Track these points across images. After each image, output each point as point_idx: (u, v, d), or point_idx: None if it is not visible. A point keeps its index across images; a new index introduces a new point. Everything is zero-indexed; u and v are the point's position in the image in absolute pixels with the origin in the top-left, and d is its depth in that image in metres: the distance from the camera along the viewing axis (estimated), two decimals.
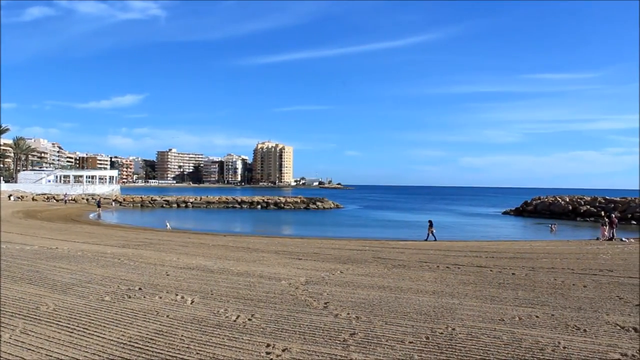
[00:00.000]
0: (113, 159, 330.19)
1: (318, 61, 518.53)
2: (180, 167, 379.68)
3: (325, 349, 7.71)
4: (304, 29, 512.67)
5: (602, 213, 53.12)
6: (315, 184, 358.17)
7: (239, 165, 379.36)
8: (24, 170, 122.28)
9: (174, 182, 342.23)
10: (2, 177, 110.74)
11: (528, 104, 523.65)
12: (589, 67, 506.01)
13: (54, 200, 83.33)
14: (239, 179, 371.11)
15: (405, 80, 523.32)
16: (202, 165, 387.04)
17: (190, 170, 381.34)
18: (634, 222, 58.24)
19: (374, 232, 43.92)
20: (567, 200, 74.15)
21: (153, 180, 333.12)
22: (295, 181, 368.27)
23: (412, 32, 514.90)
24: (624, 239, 34.49)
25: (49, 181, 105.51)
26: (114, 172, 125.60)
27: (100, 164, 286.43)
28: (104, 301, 10.81)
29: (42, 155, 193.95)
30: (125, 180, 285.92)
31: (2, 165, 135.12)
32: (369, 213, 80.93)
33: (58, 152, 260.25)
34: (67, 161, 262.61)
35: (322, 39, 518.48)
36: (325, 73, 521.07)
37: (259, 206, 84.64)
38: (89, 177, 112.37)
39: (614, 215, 40.37)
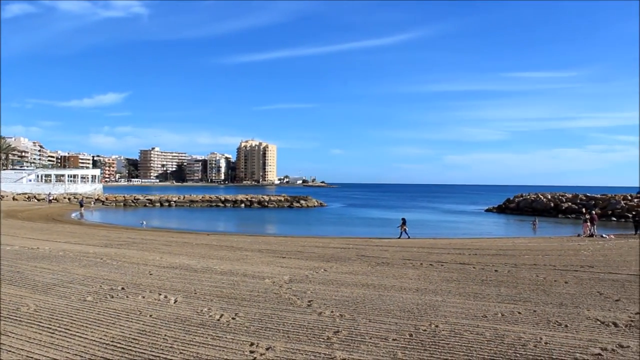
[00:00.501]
0: (95, 158, 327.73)
1: (301, 59, 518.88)
2: (163, 166, 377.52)
3: (309, 347, 7.71)
4: (287, 27, 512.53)
5: (583, 210, 53.67)
6: (299, 182, 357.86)
7: (223, 164, 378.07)
8: (4, 169, 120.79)
9: (157, 181, 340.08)
10: None
11: (511, 102, 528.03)
12: (571, 65, 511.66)
13: (35, 200, 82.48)
14: (223, 177, 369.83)
15: (389, 79, 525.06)
16: (185, 164, 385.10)
17: (174, 169, 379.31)
18: (614, 219, 58.90)
19: (358, 230, 44.00)
20: (549, 197, 74.86)
21: (136, 179, 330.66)
22: (279, 179, 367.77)
23: (396, 31, 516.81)
24: (604, 236, 34.87)
25: (30, 180, 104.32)
26: (96, 171, 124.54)
27: (82, 163, 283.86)
28: (86, 301, 10.71)
29: (23, 154, 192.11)
30: (107, 180, 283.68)
31: None
32: (352, 211, 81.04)
33: (39, 151, 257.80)
34: (49, 160, 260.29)
35: (305, 37, 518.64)
36: (309, 71, 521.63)
37: (243, 205, 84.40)
38: (71, 177, 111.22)
39: (593, 212, 40.80)
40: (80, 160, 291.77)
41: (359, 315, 9.79)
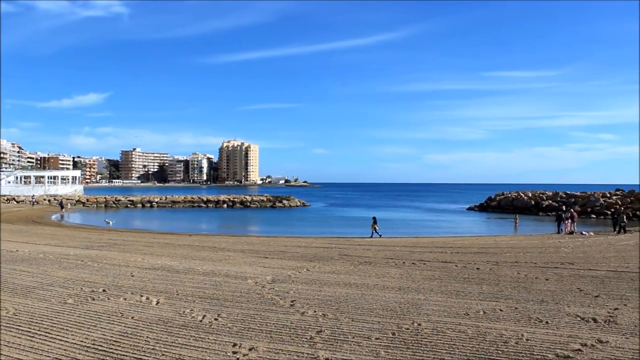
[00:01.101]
0: (76, 159, 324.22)
1: (284, 59, 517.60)
2: (145, 166, 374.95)
3: (292, 347, 7.70)
4: (270, 26, 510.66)
5: (564, 207, 54.24)
6: (282, 182, 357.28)
7: (205, 164, 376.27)
8: None
9: (139, 181, 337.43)
10: None
11: (491, 101, 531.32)
12: (551, 64, 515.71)
13: (15, 202, 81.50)
14: (205, 178, 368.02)
15: (371, 78, 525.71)
16: (167, 164, 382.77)
17: (155, 170, 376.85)
18: (593, 216, 59.59)
19: (340, 230, 44.03)
20: (530, 195, 75.57)
21: (117, 180, 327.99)
22: (262, 180, 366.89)
23: (378, 31, 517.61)
24: (584, 233, 35.28)
25: (9, 182, 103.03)
26: (77, 172, 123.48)
27: (63, 164, 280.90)
28: (67, 304, 10.60)
29: (2, 155, 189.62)
30: (88, 181, 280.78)
31: None
32: (335, 211, 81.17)
33: (18, 152, 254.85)
34: (28, 161, 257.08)
35: (288, 37, 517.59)
36: (292, 71, 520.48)
37: (225, 205, 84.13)
38: (51, 178, 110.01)
39: (572, 210, 41.27)
40: (60, 162, 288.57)
41: (341, 314, 9.79)
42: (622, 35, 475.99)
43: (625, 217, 38.93)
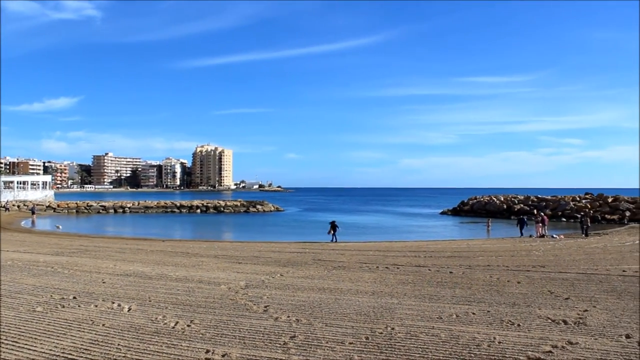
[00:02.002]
0: (46, 164, 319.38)
1: (258, 64, 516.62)
2: (117, 171, 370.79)
3: (266, 353, 7.66)
4: (243, 31, 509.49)
5: (535, 211, 54.92)
6: (256, 187, 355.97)
7: (178, 169, 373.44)
8: None
9: (111, 187, 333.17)
10: None
11: (463, 106, 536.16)
12: (521, 70, 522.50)
13: None
14: (178, 183, 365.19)
15: (344, 83, 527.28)
16: (140, 169, 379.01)
17: (128, 175, 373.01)
18: (564, 219, 60.47)
19: (314, 235, 44.00)
20: (502, 199, 76.43)
21: (89, 186, 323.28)
22: (235, 184, 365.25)
23: (351, 36, 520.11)
24: (554, 236, 35.75)
25: None
26: (47, 177, 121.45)
27: (33, 169, 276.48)
28: (36, 312, 10.40)
29: None
30: (59, 186, 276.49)
31: None
32: (309, 215, 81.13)
33: None
34: None
35: (262, 41, 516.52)
36: (265, 76, 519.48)
37: (199, 210, 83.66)
38: (21, 183, 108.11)
39: (543, 214, 41.82)
40: (30, 167, 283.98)
41: (315, 319, 9.77)
42: (590, 42, 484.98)
43: (589, 220, 39.56)
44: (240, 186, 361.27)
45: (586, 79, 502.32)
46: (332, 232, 35.37)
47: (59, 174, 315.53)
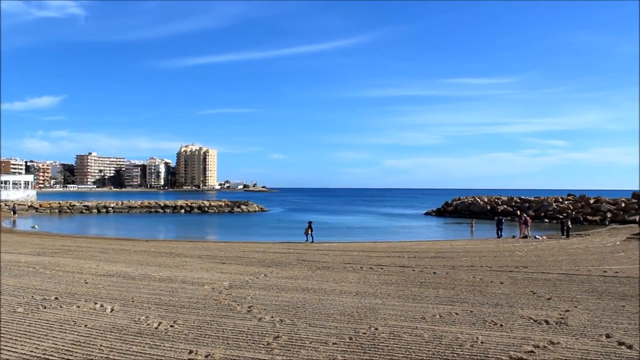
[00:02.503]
0: (28, 164, 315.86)
1: (243, 64, 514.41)
2: (100, 171, 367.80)
3: (249, 353, 7.65)
4: (229, 31, 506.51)
5: (518, 212, 55.33)
6: (240, 187, 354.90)
7: (162, 169, 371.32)
8: None
9: (95, 186, 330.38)
10: None
11: (448, 108, 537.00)
12: (506, 72, 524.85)
13: None
14: (162, 183, 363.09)
15: (330, 84, 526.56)
16: (123, 169, 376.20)
17: (112, 175, 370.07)
18: (546, 220, 60.96)
19: (299, 235, 43.98)
20: (486, 200, 76.87)
21: (72, 185, 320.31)
22: (220, 185, 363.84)
23: (337, 36, 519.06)
24: (537, 237, 36.01)
25: None
26: (29, 177, 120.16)
27: (14, 168, 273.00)
28: (17, 313, 10.29)
29: None
30: (42, 186, 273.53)
31: None
32: (293, 216, 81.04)
33: None
34: None
35: (247, 41, 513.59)
36: (250, 76, 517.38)
37: (183, 210, 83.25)
38: (2, 183, 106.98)
39: (525, 215, 42.14)
40: (12, 166, 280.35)
41: (299, 320, 9.78)
42: (574, 45, 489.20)
43: (569, 221, 39.94)
44: (225, 186, 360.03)
45: (570, 81, 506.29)
46: (309, 232, 35.44)
47: (41, 174, 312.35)
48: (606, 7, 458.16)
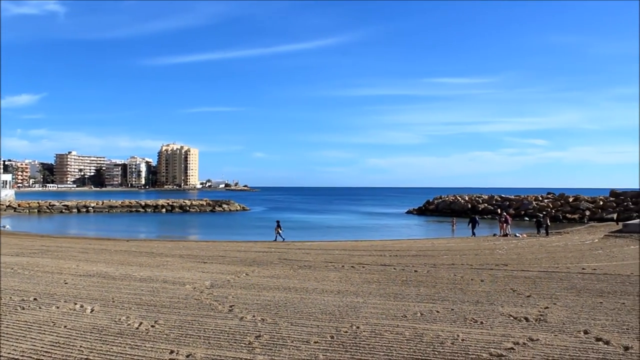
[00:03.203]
0: (7, 163, 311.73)
1: (225, 62, 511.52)
2: (81, 170, 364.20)
3: (231, 353, 7.63)
4: (211, 29, 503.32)
5: (499, 210, 55.79)
6: (222, 186, 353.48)
7: (143, 168, 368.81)
8: None
9: (75, 186, 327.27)
10: None
11: (429, 107, 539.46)
12: (486, 72, 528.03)
13: None
14: (143, 182, 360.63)
15: (312, 83, 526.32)
16: (104, 168, 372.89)
17: (92, 174, 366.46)
18: (527, 219, 61.52)
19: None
20: (467, 198, 77.46)
21: (52, 185, 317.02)
22: (201, 184, 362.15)
23: (318, 35, 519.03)
24: (517, 235, 36.33)
25: None
26: (8, 177, 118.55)
27: None
28: None
29: None
30: (20, 185, 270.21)
31: None
32: (275, 215, 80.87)
33: None
34: None
35: (229, 40, 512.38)
36: (233, 74, 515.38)
37: (164, 209, 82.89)
38: None
39: (505, 213, 42.51)
40: None
41: (280, 319, 9.77)
42: (552, 45, 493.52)
43: (548, 219, 40.36)
44: (207, 185, 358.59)
45: (548, 81, 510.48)
46: (278, 231, 35.56)
47: (20, 173, 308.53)
48: (581, 7, 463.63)
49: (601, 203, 63.81)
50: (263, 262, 19.56)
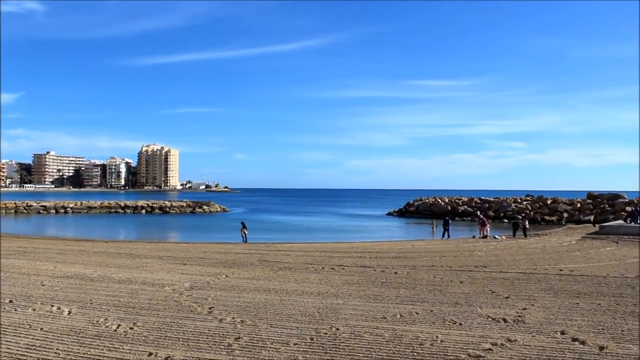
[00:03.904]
0: None
1: (207, 63, 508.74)
2: (59, 170, 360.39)
3: (210, 355, 7.60)
4: (193, 30, 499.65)
5: (478, 212, 56.21)
6: (202, 187, 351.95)
7: (123, 169, 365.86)
8: None
9: (53, 186, 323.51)
10: None
11: (410, 109, 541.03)
12: (466, 74, 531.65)
13: None
14: (123, 182, 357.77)
15: (293, 84, 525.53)
16: (83, 168, 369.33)
17: (71, 174, 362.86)
18: (505, 221, 62.02)
19: (260, 235, 43.87)
20: (447, 200, 77.93)
21: (29, 185, 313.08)
22: (182, 185, 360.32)
23: (302, 37, 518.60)
24: (496, 237, 36.60)
25: None
26: None
27: None
28: None
29: None
30: None
31: None
32: (255, 216, 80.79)
33: None
34: None
35: (212, 40, 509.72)
36: (214, 75, 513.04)
37: (144, 210, 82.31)
38: None
39: (482, 215, 42.84)
40: None
41: (260, 320, 9.76)
42: (531, 48, 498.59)
43: (527, 221, 40.74)
44: (187, 186, 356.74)
45: (528, 84, 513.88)
46: (244, 232, 35.60)
47: None
48: (561, 10, 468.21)
49: (579, 205, 64.58)
50: (243, 264, 19.50)
